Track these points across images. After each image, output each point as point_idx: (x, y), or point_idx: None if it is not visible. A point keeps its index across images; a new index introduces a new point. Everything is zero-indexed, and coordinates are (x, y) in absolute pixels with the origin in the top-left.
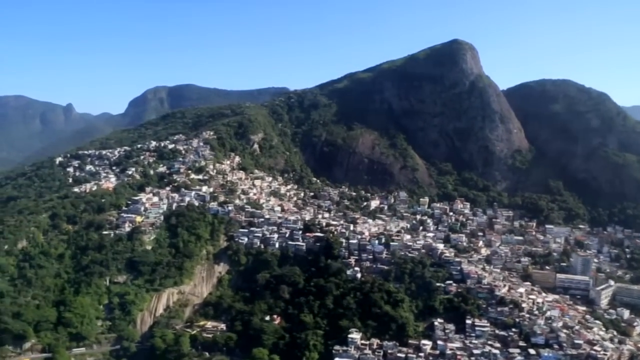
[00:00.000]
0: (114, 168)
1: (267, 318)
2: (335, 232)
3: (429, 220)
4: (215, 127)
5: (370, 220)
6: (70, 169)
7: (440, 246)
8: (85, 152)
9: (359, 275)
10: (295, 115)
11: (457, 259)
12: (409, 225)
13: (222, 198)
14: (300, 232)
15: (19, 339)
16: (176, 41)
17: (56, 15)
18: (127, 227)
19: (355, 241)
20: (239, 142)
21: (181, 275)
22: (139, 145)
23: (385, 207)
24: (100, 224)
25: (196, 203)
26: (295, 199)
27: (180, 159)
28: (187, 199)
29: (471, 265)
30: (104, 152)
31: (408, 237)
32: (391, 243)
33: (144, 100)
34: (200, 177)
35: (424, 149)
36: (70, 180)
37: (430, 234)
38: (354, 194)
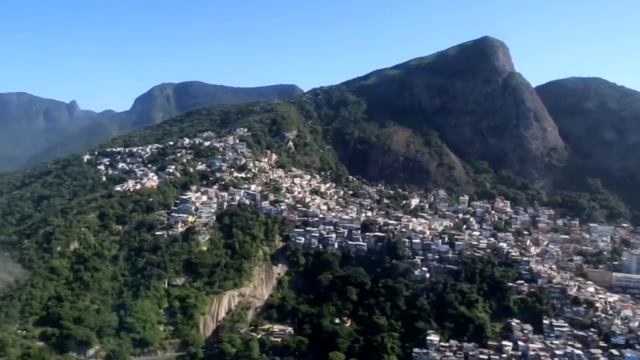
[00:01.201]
0: (149, 165)
1: (337, 321)
2: (396, 232)
3: (471, 219)
4: (248, 124)
5: (414, 219)
6: (101, 167)
7: (505, 245)
8: (114, 149)
9: (427, 275)
10: (323, 112)
11: (525, 258)
12: (452, 224)
13: (271, 197)
14: (359, 231)
15: (83, 345)
16: (180, 38)
17: (58, 10)
18: (179, 228)
19: (418, 240)
20: (274, 139)
21: (240, 277)
22: (170, 142)
23: (426, 206)
24: (151, 224)
25: (247, 202)
26: (335, 197)
27: (219, 156)
28: (237, 197)
29: (539, 265)
30: (134, 149)
31: (470, 235)
32: (456, 242)
33: (150, 97)
34: (243, 175)
35: (458, 147)
36: (104, 178)
37: (476, 233)
38: (391, 192)
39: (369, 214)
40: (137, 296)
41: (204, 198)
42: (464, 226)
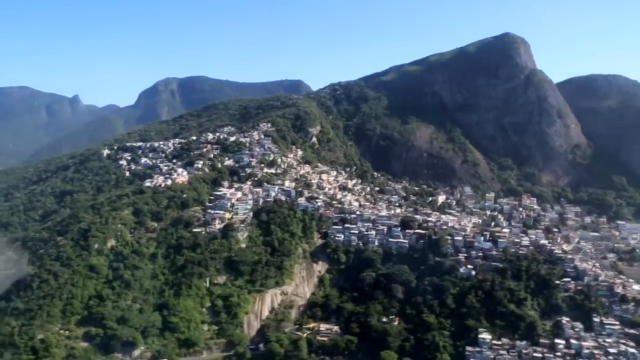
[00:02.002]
0: (174, 161)
1: (385, 319)
2: (436, 229)
3: (499, 216)
4: (271, 119)
5: (443, 216)
6: (123, 162)
7: (547, 242)
8: (133, 144)
9: (473, 273)
10: (343, 107)
11: (570, 256)
12: (480, 221)
13: (306, 193)
14: (399, 228)
15: (128, 345)
16: (184, 32)
17: (60, 4)
18: (217, 224)
19: (460, 238)
20: (298, 134)
21: (282, 275)
22: (193, 137)
23: (453, 203)
24: (188, 221)
25: (283, 198)
26: (363, 194)
27: (247, 151)
28: (272, 194)
29: (584, 262)
30: (155, 144)
31: (513, 233)
32: (499, 240)
33: (155, 91)
34: (273, 170)
35: (480, 144)
36: (127, 173)
37: (506, 230)
38: (416, 188)
39: (398, 210)
40: (178, 295)
41: (239, 194)
42: (492, 223)
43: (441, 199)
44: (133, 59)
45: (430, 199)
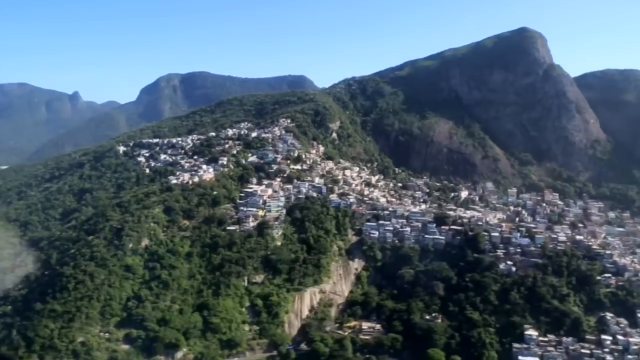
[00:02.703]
0: (195, 157)
1: (427, 317)
2: (471, 225)
3: (523, 212)
4: (290, 115)
5: (468, 212)
6: (141, 159)
7: (583, 238)
8: (150, 140)
9: (513, 269)
10: (359, 103)
11: (609, 252)
12: (504, 217)
13: (336, 189)
14: (434, 224)
15: (171, 347)
16: (184, 28)
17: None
18: (250, 222)
19: (496, 234)
20: (318, 130)
21: (319, 273)
22: (212, 133)
23: (477, 198)
24: (221, 218)
25: (314, 195)
26: (386, 190)
27: (271, 147)
28: (302, 190)
29: (623, 258)
30: (173, 140)
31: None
32: (536, 236)
33: (156, 88)
34: (299, 167)
35: (499, 139)
36: (147, 170)
37: (531, 225)
38: (437, 184)
39: (423, 206)
40: (217, 295)
41: (269, 191)
42: (517, 219)
43: (464, 194)
44: (133, 55)
45: (453, 194)
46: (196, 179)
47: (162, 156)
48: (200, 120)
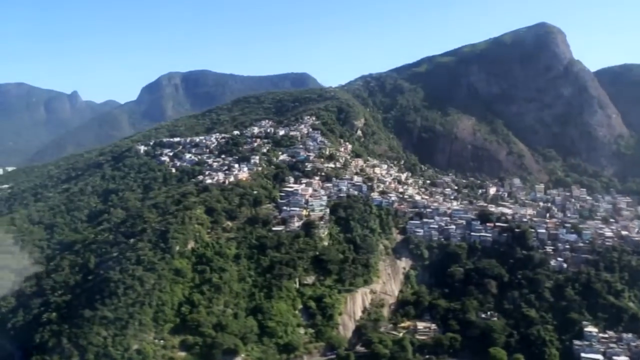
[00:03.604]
0: (222, 156)
1: (483, 315)
2: (515, 221)
3: (553, 208)
4: (315, 112)
5: (499, 209)
6: (165, 158)
7: (630, 233)
8: (172, 140)
9: (564, 265)
10: (378, 100)
11: None
12: (534, 212)
13: (377, 187)
14: (478, 222)
15: (229, 353)
16: (184, 26)
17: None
18: (295, 222)
19: (543, 230)
20: (344, 128)
21: (369, 273)
22: (236, 132)
23: (505, 195)
24: (265, 219)
25: (355, 193)
26: (416, 187)
27: (301, 145)
28: (342, 189)
29: None
30: (196, 139)
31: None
32: (584, 232)
33: (158, 86)
34: (332, 165)
35: (521, 135)
36: (173, 170)
37: (573, 221)
38: (464, 181)
39: (455, 203)
40: (270, 298)
41: (310, 190)
42: (547, 214)
43: (492, 191)
44: (131, 54)
45: (480, 191)
46: (232, 179)
47: (187, 155)
48: (218, 119)
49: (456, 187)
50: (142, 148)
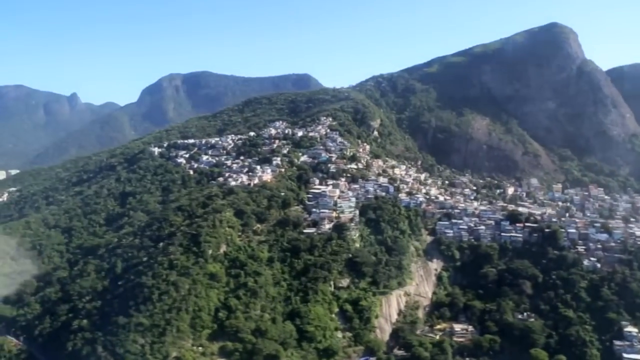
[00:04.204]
0: (241, 158)
1: (520, 316)
2: (544, 222)
3: (572, 207)
4: (330, 113)
5: (527, 209)
6: (181, 160)
7: None
8: (186, 141)
9: (598, 265)
10: (391, 100)
11: None
12: (554, 212)
13: (404, 188)
14: (508, 222)
15: (269, 359)
16: (184, 28)
17: (57, 2)
18: (326, 224)
19: (573, 230)
20: (360, 128)
21: (402, 275)
22: (251, 133)
23: (524, 195)
24: (296, 221)
25: (383, 194)
26: (435, 187)
27: (321, 147)
28: (370, 190)
29: None
30: (212, 140)
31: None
32: (614, 231)
33: (159, 88)
34: (354, 166)
35: (536, 135)
36: (191, 172)
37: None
38: (481, 181)
39: (475, 203)
40: (306, 302)
41: (337, 192)
42: (567, 214)
43: (510, 191)
44: (130, 55)
45: (498, 191)
46: (256, 181)
47: (204, 157)
48: (230, 120)
49: (475, 188)
50: (157, 150)
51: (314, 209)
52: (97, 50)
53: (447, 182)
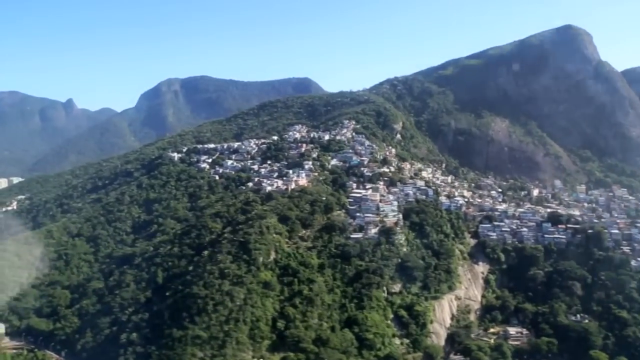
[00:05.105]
0: (269, 162)
1: (573, 318)
2: (585, 223)
3: (599, 208)
4: (353, 116)
5: (548, 210)
6: (204, 165)
7: None
8: (207, 146)
9: None
10: (408, 103)
11: None
12: (579, 213)
13: (443, 191)
14: (549, 224)
15: None
16: (180, 32)
17: (48, 5)
18: (372, 229)
19: (616, 231)
20: (384, 131)
21: (452, 279)
22: (274, 137)
23: (549, 196)
24: (342, 226)
25: (423, 198)
26: (466, 189)
27: (350, 150)
28: (410, 193)
29: None
30: (234, 144)
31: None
32: None
33: (157, 93)
34: (386, 169)
35: (555, 136)
36: (217, 177)
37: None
38: (504, 183)
39: (504, 205)
40: (362, 308)
41: (377, 196)
42: (594, 215)
43: (535, 192)
44: (126, 61)
45: (523, 193)
46: (293, 185)
47: (229, 162)
48: (246, 124)
49: (500, 190)
50: (176, 155)
51: (357, 214)
52: (92, 55)
53: (472, 184)
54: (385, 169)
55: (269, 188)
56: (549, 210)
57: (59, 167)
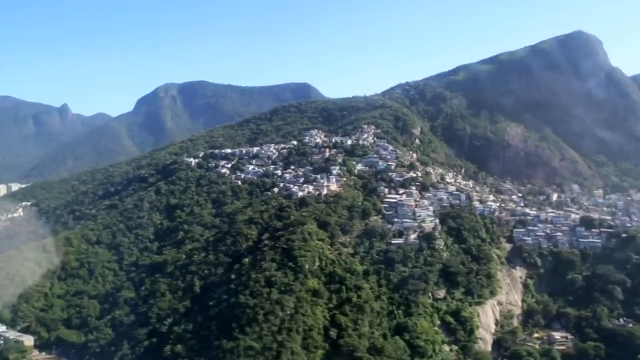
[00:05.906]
0: (293, 167)
1: (617, 322)
2: (619, 226)
3: (619, 213)
4: (372, 122)
5: (580, 214)
6: (224, 170)
7: None
8: (224, 151)
9: None
10: (421, 108)
11: None
12: (597, 217)
13: (476, 196)
14: (583, 228)
15: None
16: (177, 37)
17: (41, 7)
18: (411, 234)
19: None
20: (403, 136)
21: (493, 284)
22: (294, 142)
23: (569, 200)
24: (382, 232)
25: (457, 202)
26: (491, 194)
27: (375, 155)
28: (443, 198)
29: None
30: (253, 149)
31: None
32: None
33: (155, 98)
34: (413, 174)
35: (569, 141)
36: (239, 183)
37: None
38: (522, 188)
39: (527, 209)
40: (409, 315)
41: (412, 201)
42: (627, 219)
43: (554, 197)
44: (121, 66)
45: (542, 197)
46: (325, 191)
47: (250, 167)
48: (259, 129)
49: (520, 194)
50: (193, 160)
51: (394, 219)
52: (86, 60)
53: (493, 189)
54: (413, 174)
55: (300, 193)
56: (580, 214)
57: (55, 172)
